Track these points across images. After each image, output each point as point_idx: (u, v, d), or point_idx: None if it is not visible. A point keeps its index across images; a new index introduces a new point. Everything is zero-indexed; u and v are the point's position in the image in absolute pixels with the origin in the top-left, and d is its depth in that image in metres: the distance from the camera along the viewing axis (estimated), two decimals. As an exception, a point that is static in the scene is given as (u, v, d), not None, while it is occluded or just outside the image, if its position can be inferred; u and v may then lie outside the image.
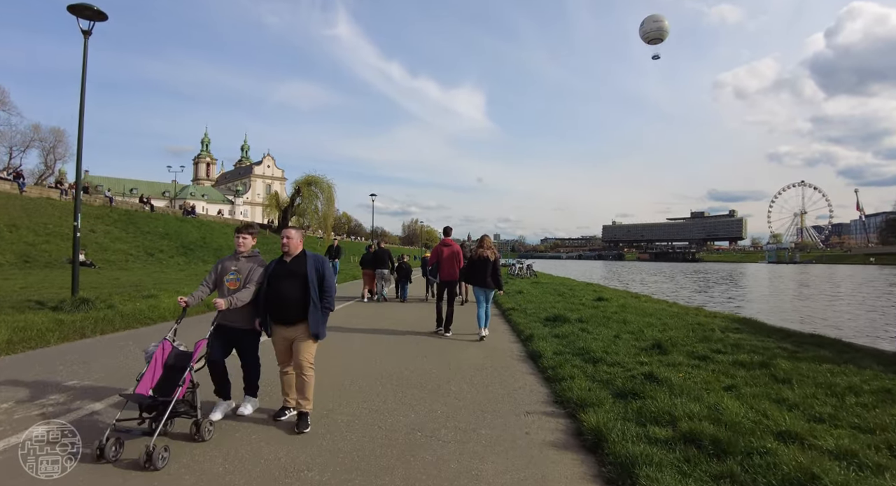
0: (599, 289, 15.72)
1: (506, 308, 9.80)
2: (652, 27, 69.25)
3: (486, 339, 6.85)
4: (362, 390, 4.22)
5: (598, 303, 10.72)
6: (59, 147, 62.06)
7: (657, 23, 69.67)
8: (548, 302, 10.75)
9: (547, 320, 7.89)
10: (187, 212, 41.54)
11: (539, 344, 5.88)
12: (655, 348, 5.74)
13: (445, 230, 7.96)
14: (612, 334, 6.59)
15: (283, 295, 3.33)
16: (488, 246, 7.06)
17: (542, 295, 12.46)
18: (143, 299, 8.67)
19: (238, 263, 3.51)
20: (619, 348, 5.61)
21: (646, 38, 69.47)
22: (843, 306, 19.94)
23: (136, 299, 8.54)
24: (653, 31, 69.14)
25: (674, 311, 10.01)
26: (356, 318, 9.15)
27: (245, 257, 3.53)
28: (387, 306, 11.47)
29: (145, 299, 8.86)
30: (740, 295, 26.13)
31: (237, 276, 3.46)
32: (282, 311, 3.35)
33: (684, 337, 6.54)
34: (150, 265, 22.65)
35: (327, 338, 3.73)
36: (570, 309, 9.38)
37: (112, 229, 26.51)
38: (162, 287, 11.48)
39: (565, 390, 4.05)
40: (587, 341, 5.96)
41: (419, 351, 5.90)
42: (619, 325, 7.54)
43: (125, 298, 8.78)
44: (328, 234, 57.93)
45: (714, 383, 4.22)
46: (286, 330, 3.38)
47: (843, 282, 39.68)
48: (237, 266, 3.49)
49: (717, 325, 7.95)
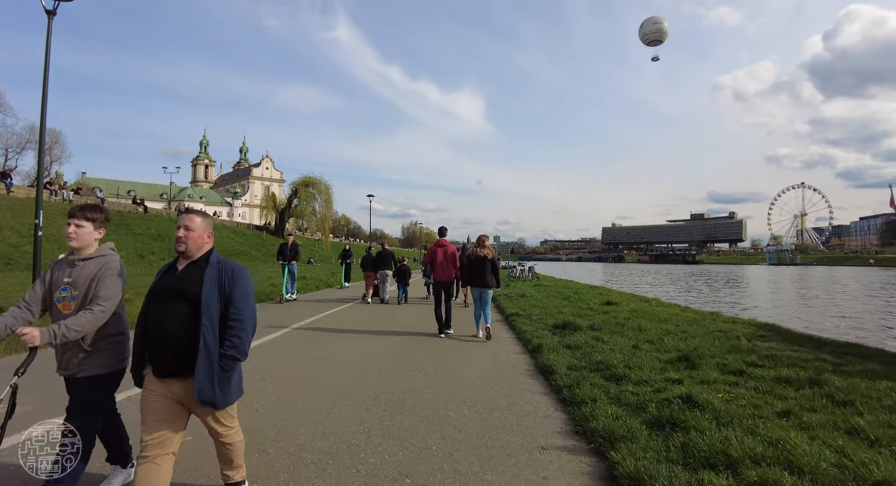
0: (606, 292, 15.02)
1: (509, 313, 9.09)
2: (651, 29, 69.10)
3: (490, 349, 6.17)
4: (344, 417, 3.52)
5: (607, 307, 10.02)
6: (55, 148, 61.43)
7: (656, 24, 69.48)
8: (554, 307, 10.05)
9: (555, 328, 7.18)
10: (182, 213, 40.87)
11: (550, 356, 5.18)
12: (682, 361, 5.04)
13: (440, 231, 7.87)
14: (630, 345, 5.90)
15: (161, 327, 2.00)
16: (484, 245, 7.06)
17: (547, 299, 11.76)
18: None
19: (73, 270, 2.20)
20: (641, 362, 4.91)
21: (645, 40, 69.25)
22: (860, 307, 19.27)
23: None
24: (652, 32, 69.00)
25: (689, 316, 9.31)
26: (353, 321, 8.66)
27: (83, 260, 2.21)
28: (387, 308, 11.11)
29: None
30: (749, 298, 25.44)
31: (71, 291, 2.17)
32: (158, 354, 2.01)
33: (710, 347, 5.85)
34: (139, 267, 21.93)
35: (315, 345, 3.04)
36: (579, 315, 8.68)
37: (102, 231, 25.84)
38: (139, 291, 10.80)
39: (587, 418, 3.35)
40: (604, 353, 5.26)
41: (415, 363, 5.20)
42: (636, 333, 6.84)
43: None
44: (326, 236, 57.35)
45: (763, 407, 3.53)
46: (169, 385, 2.01)
47: (850, 283, 39.02)
48: (71, 276, 2.18)
49: (741, 332, 7.26)
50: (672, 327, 7.53)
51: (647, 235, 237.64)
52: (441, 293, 7.40)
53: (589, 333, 6.69)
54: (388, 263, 11.98)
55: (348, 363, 5.17)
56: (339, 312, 10.14)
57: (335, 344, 6.26)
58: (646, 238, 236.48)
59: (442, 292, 7.40)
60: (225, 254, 24.33)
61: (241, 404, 3.57)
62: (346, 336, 6.92)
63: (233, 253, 34.20)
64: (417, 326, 8.19)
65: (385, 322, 8.64)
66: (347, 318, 9.13)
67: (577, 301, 11.38)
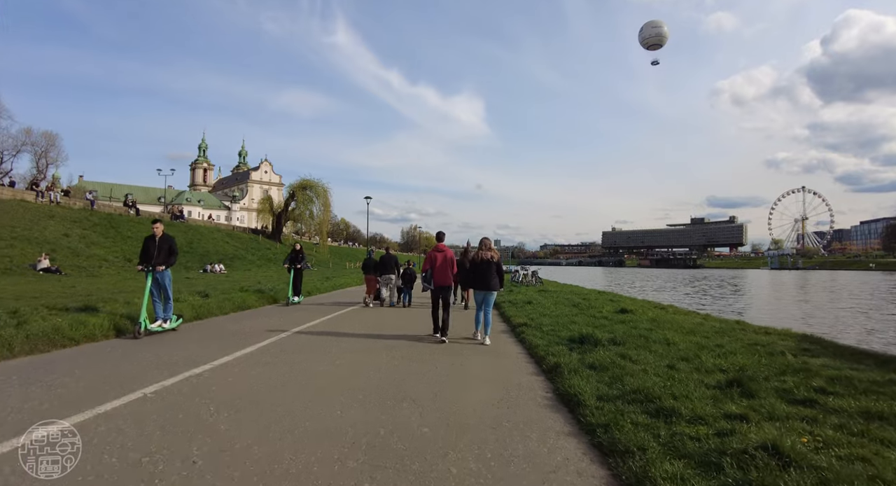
0: (616, 298, 14.09)
1: (516, 324, 8.17)
2: (651, 33, 68.86)
3: (497, 368, 5.24)
4: (306, 472, 2.60)
5: (623, 316, 9.10)
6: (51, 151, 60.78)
7: (656, 28, 69.23)
8: (564, 315, 9.13)
9: (572, 342, 6.26)
10: (176, 216, 39.95)
11: (572, 381, 4.25)
12: (733, 385, 4.13)
13: (438, 236, 7.81)
14: (664, 364, 4.98)
15: None
16: (489, 247, 7.02)
17: (556, 306, 10.83)
18: (72, 314, 7.03)
19: None
20: (686, 389, 3.99)
21: (645, 44, 68.93)
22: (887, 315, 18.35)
23: (60, 314, 6.90)
24: (652, 36, 68.79)
25: (715, 326, 8.39)
26: (347, 328, 7.97)
27: None
28: (387, 313, 10.69)
29: (77, 312, 7.23)
30: (763, 303, 24.54)
31: None
32: None
33: (756, 365, 4.94)
34: (126, 271, 21.01)
35: (296, 360, 2.26)
36: (595, 325, 7.76)
37: (89, 234, 24.90)
38: (119, 296, 9.92)
39: (639, 479, 2.44)
40: (637, 376, 4.34)
41: (408, 388, 4.29)
42: (665, 348, 5.93)
43: (51, 312, 7.15)
44: (324, 240, 56.41)
45: (874, 459, 2.61)
46: None
47: (859, 288, 38.10)
48: None
49: (781, 346, 6.36)
50: (702, 340, 6.62)
51: (647, 240, 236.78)
52: (439, 298, 7.26)
53: (612, 348, 5.78)
54: (392, 267, 11.99)
55: (328, 388, 4.25)
56: (336, 317, 9.63)
57: (319, 360, 5.35)
58: (646, 242, 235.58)
59: (440, 297, 7.26)
60: (220, 257, 23.74)
61: (176, 450, 2.69)
62: (335, 349, 6.00)
63: (227, 256, 33.29)
64: (416, 336, 7.30)
65: (382, 330, 7.93)
66: (343, 324, 8.58)
67: (588, 309, 10.46)
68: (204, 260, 28.70)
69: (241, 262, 33.96)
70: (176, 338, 6.69)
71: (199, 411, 3.55)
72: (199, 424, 3.27)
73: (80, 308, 7.65)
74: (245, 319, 9.05)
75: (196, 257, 29.21)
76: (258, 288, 13.16)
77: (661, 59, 70.29)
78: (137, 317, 6.87)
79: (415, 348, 6.37)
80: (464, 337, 7.36)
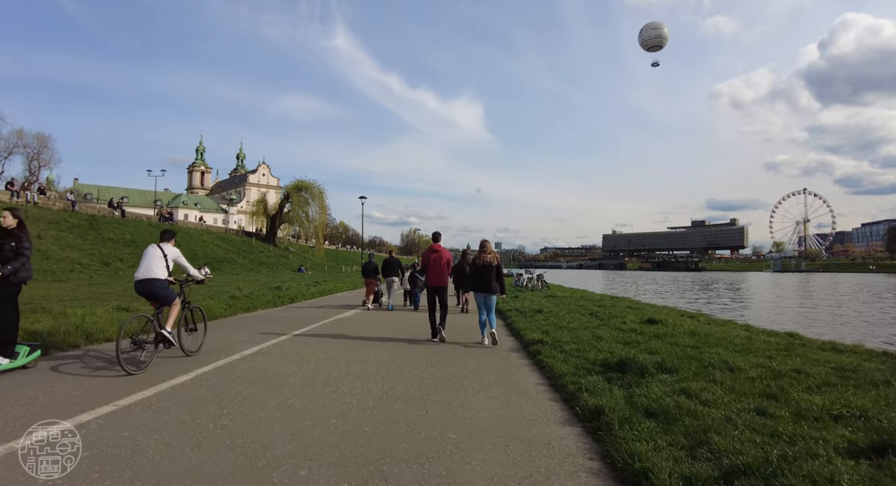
0: (635, 305, 12.60)
1: (529, 340, 6.65)
2: (651, 34, 68.02)
3: (515, 419, 3.69)
4: None
5: (653, 328, 7.62)
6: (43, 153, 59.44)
7: (656, 30, 68.37)
8: (584, 327, 7.66)
9: (607, 368, 4.76)
10: (165, 218, 38.45)
11: (632, 445, 2.73)
12: (877, 452, 2.66)
13: (434, 236, 7.59)
14: (749, 406, 3.50)
15: None
16: (490, 251, 6.95)
17: (570, 315, 9.35)
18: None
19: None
20: (816, 464, 2.51)
21: (645, 46, 68.05)
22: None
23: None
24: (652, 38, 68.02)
25: (770, 341, 6.91)
26: (339, 337, 7.26)
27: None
28: (386, 318, 10.15)
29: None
30: (790, 309, 23.10)
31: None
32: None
33: (879, 408, 3.48)
34: (100, 276, 19.52)
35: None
36: (627, 341, 6.29)
37: (66, 236, 23.41)
38: (74, 304, 8.54)
39: None
40: (726, 433, 2.86)
41: (383, 451, 2.82)
42: (729, 376, 4.44)
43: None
44: (320, 243, 54.93)
45: None
46: None
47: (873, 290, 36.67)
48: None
49: (877, 370, 4.90)
50: (767, 362, 5.17)
51: (647, 243, 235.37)
52: (435, 299, 7.26)
53: (664, 378, 4.30)
54: (395, 269, 12.04)
55: (265, 451, 2.78)
56: (332, 322, 9.07)
57: (264, 402, 3.88)
58: (647, 245, 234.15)
59: (436, 298, 7.26)
60: (208, 260, 22.21)
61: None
62: (314, 368, 4.54)
63: (215, 260, 31.78)
64: (406, 350, 5.84)
65: (375, 340, 6.97)
66: (336, 330, 8.05)
67: (608, 318, 8.98)
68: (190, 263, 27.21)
69: (231, 266, 32.46)
70: (21, 383, 4.19)
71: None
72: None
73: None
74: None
75: (181, 261, 27.77)
76: (232, 294, 11.68)
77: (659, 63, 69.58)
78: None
79: (402, 374, 4.89)
80: (473, 341, 7.05)
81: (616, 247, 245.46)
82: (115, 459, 2.66)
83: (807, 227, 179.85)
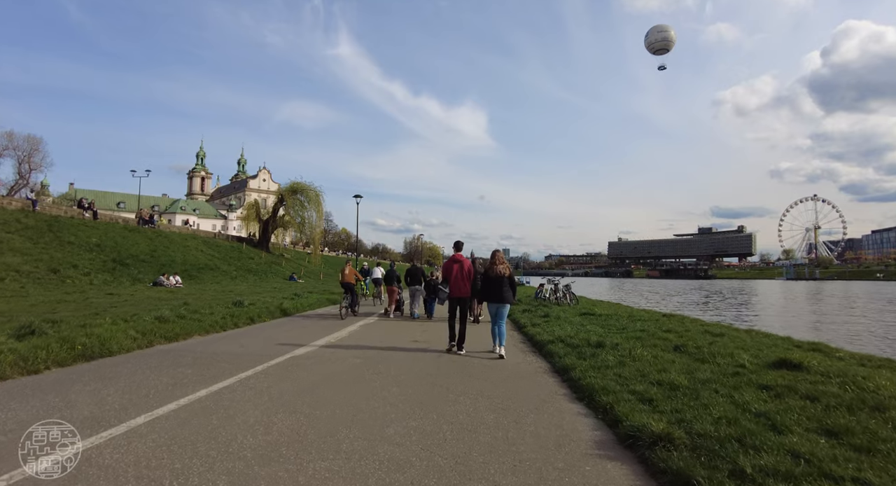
0: (710, 328, 9.24)
1: (649, 437, 3.41)
2: (657, 37, 65.67)
3: None
4: None
5: (797, 376, 4.38)
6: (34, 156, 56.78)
7: (662, 33, 65.96)
8: (700, 383, 4.41)
9: None
10: (145, 221, 35.47)
11: None
12: None
13: (456, 245, 7.42)
14: None
15: None
16: (501, 261, 6.91)
17: (649, 352, 6.09)
18: None
19: None
20: None
21: (651, 49, 65.59)
22: None
23: None
24: (658, 41, 65.76)
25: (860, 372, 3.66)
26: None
27: None
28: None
29: None
30: (818, 320, 19.90)
31: None
32: None
33: None
34: (36, 286, 16.37)
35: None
36: (824, 425, 3.06)
37: (12, 238, 20.35)
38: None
39: None
40: None
41: None
42: None
43: None
44: (316, 248, 51.76)
45: None
46: None
47: None
48: None
49: None
50: None
51: (654, 250, 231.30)
52: (456, 309, 7.08)
53: None
54: (419, 278, 11.88)
55: None
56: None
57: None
58: (653, 253, 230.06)
59: (457, 308, 7.07)
60: (186, 268, 18.58)
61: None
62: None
63: (196, 267, 28.69)
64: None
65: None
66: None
67: (710, 358, 5.73)
68: (161, 270, 24.09)
69: (213, 273, 29.32)
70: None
71: None
72: None
73: None
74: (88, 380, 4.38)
75: (153, 268, 24.63)
76: (160, 314, 8.47)
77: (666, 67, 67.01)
78: None
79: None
80: (484, 350, 6.91)
81: (622, 254, 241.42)
82: None
83: (817, 233, 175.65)
